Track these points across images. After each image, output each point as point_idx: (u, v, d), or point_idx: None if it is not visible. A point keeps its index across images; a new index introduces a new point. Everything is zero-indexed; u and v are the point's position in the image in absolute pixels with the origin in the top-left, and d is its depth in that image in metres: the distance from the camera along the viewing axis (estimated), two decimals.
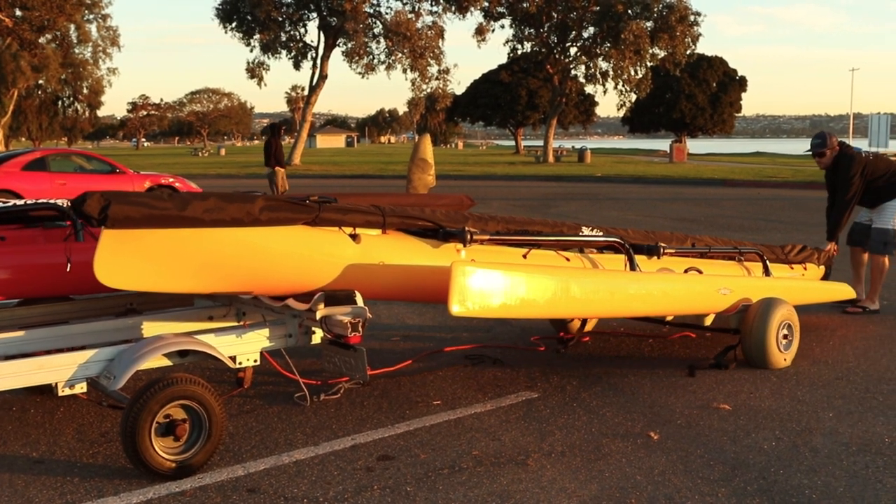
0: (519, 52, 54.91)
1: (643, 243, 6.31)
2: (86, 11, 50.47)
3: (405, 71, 47.78)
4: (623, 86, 49.80)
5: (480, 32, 49.88)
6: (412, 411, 5.21)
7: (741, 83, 77.15)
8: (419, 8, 48.14)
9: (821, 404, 5.36)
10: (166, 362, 4.51)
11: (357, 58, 47.31)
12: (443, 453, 4.51)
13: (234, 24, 49.47)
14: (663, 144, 78.39)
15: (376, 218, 4.95)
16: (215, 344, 4.63)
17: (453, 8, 47.12)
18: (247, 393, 5.57)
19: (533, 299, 4.93)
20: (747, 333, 6.24)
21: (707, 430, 4.87)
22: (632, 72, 48.87)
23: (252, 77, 51.02)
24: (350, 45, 47.23)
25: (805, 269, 7.79)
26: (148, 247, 4.20)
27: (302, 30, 50.38)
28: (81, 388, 4.32)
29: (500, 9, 50.09)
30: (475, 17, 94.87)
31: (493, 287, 4.72)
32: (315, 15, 49.33)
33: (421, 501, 3.91)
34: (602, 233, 6.06)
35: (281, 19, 48.91)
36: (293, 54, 50.57)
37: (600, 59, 50.35)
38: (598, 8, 47.53)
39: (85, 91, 56.08)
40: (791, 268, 7.65)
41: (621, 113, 60.69)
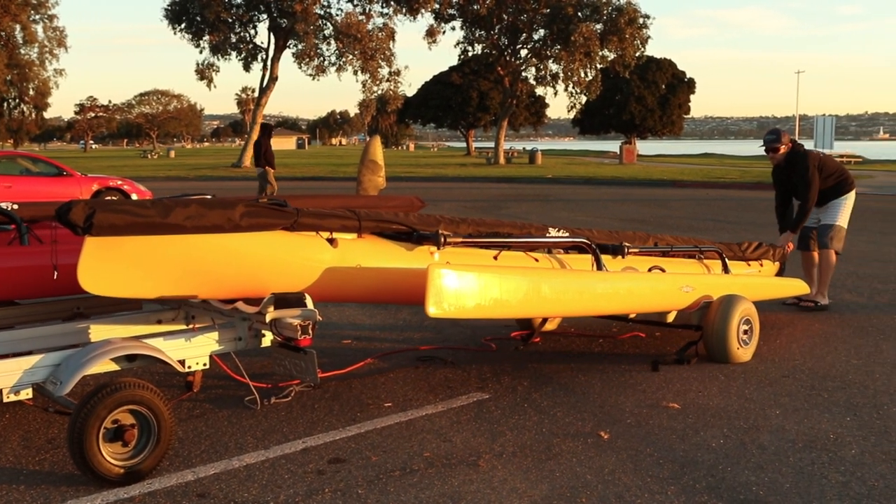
0: (470, 54, 55.13)
1: (608, 243, 6.41)
2: (32, 12, 49.75)
3: (356, 73, 47.79)
4: (573, 88, 50.22)
5: (431, 34, 49.99)
6: (363, 413, 5.20)
7: (690, 85, 77.88)
8: (370, 10, 48.16)
9: (768, 402, 5.44)
10: (114, 367, 4.46)
11: (307, 59, 47.19)
12: (394, 455, 4.51)
13: (184, 26, 49.12)
14: (613, 146, 78.98)
15: (352, 222, 5.02)
16: (164, 348, 4.59)
17: (404, 10, 47.19)
18: (196, 397, 5.52)
19: (506, 300, 5.04)
20: (709, 329, 6.36)
21: (656, 429, 4.92)
22: (582, 74, 49.29)
23: (202, 79, 50.68)
24: (300, 47, 47.10)
25: (761, 266, 7.96)
26: (130, 254, 4.22)
27: (252, 31, 50.22)
28: (27, 394, 4.25)
29: (451, 11, 50.22)
30: (426, 19, 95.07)
31: (468, 288, 4.83)
32: (265, 16, 49.11)
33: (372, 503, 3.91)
34: (568, 234, 6.14)
35: (231, 20, 48.62)
36: (243, 56, 50.31)
37: (550, 62, 50.74)
38: (548, 10, 47.82)
39: (31, 92, 55.35)
40: (748, 265, 7.81)
41: (572, 115, 61.25)
